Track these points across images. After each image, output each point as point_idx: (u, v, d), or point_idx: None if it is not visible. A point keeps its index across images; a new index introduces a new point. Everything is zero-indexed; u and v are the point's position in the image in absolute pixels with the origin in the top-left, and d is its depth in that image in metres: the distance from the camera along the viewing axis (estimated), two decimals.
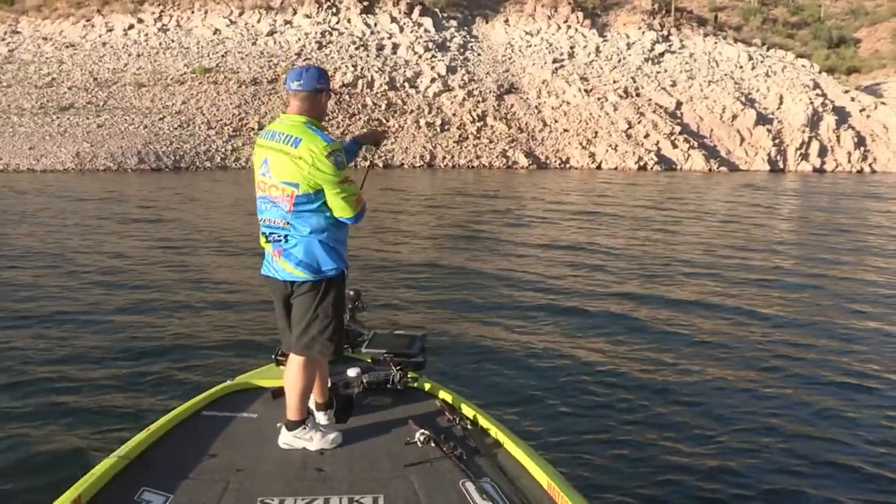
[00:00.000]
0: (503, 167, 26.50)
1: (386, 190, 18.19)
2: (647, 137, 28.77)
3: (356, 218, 2.93)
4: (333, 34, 32.96)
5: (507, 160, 26.99)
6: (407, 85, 30.15)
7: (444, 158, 26.53)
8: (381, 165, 24.63)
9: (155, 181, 19.57)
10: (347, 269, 3.02)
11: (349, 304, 3.86)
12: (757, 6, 44.83)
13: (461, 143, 27.48)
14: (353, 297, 3.92)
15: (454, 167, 26.06)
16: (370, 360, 3.65)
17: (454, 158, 26.67)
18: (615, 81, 31.85)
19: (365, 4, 34.50)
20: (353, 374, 3.47)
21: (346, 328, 3.28)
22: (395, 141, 26.26)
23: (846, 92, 33.75)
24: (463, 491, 2.55)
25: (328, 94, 2.99)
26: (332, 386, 3.26)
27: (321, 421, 3.14)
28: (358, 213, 2.93)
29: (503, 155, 27.16)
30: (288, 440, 2.95)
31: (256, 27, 33.27)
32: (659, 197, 18.84)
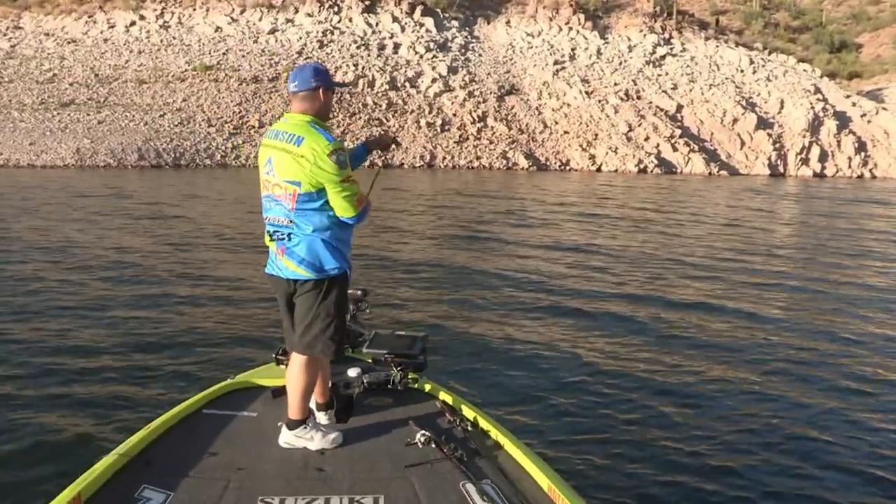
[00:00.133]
0: (503, 168, 26.52)
1: (386, 190, 18.20)
2: (647, 140, 28.80)
3: (358, 218, 2.92)
4: (335, 33, 32.98)
5: (507, 161, 27.01)
6: (408, 85, 30.17)
7: (444, 159, 26.55)
8: (380, 165, 24.67)
9: (155, 178, 19.57)
10: (350, 269, 3.01)
11: (356, 303, 3.85)
12: (758, 10, 44.91)
13: (461, 143, 27.50)
14: (360, 296, 3.90)
15: (454, 168, 26.08)
16: (371, 360, 3.65)
17: (454, 159, 26.68)
18: (616, 84, 31.87)
19: (366, 4, 34.52)
20: (353, 374, 3.46)
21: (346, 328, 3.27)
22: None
23: (847, 97, 33.80)
24: (463, 492, 2.55)
25: (330, 90, 2.94)
26: (332, 386, 3.25)
27: (322, 421, 3.14)
28: (360, 213, 2.91)
29: (503, 156, 27.18)
30: (289, 439, 2.94)
31: (258, 25, 33.30)
32: (659, 200, 18.85)
